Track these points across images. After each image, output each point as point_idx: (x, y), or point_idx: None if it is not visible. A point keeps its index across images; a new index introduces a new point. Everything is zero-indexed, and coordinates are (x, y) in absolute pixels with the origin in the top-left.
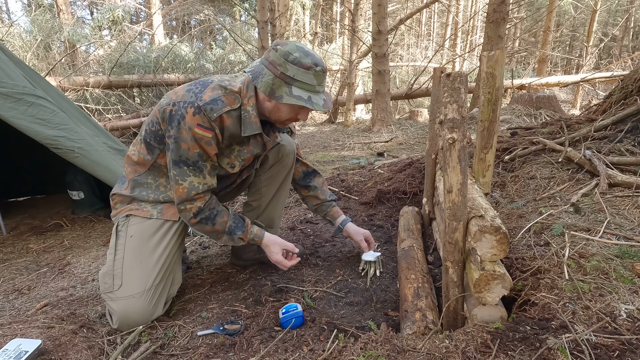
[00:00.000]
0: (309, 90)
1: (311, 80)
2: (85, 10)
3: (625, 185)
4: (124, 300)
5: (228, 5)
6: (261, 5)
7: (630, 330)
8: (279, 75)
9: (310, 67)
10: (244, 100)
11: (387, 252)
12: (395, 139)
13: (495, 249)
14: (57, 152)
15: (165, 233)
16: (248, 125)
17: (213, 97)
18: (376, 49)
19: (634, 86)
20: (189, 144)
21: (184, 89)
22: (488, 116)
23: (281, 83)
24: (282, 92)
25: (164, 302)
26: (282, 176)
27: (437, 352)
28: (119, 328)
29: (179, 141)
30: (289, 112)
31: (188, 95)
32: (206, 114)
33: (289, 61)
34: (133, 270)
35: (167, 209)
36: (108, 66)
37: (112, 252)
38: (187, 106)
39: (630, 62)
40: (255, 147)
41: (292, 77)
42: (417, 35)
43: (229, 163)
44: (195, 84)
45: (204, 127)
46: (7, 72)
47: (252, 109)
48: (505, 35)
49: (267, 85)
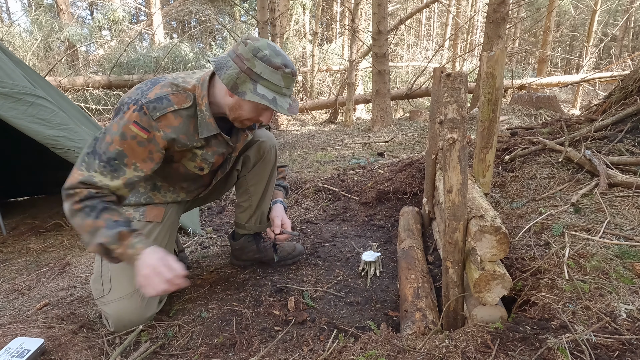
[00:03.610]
0: (275, 91)
1: (279, 82)
2: (85, 10)
3: (625, 185)
4: (115, 303)
5: (228, 5)
6: (261, 5)
7: (630, 330)
8: (244, 70)
9: (279, 67)
10: (198, 99)
11: (387, 252)
12: (395, 139)
13: (495, 249)
14: (57, 152)
15: (149, 234)
16: (204, 126)
17: (159, 95)
18: (376, 49)
19: (634, 86)
20: (113, 138)
21: (135, 87)
22: (488, 116)
23: (246, 79)
24: (246, 88)
25: (158, 301)
26: (267, 172)
27: (437, 352)
28: (116, 330)
29: (107, 133)
30: (250, 110)
31: (136, 92)
32: (147, 113)
33: (257, 57)
34: (120, 273)
35: (149, 211)
36: (108, 66)
37: (97, 258)
38: (130, 102)
39: (630, 62)
40: (219, 146)
41: (258, 74)
42: (417, 35)
43: (196, 166)
44: (147, 82)
45: (140, 126)
46: (7, 72)
47: (206, 108)
48: (505, 35)
49: (231, 78)
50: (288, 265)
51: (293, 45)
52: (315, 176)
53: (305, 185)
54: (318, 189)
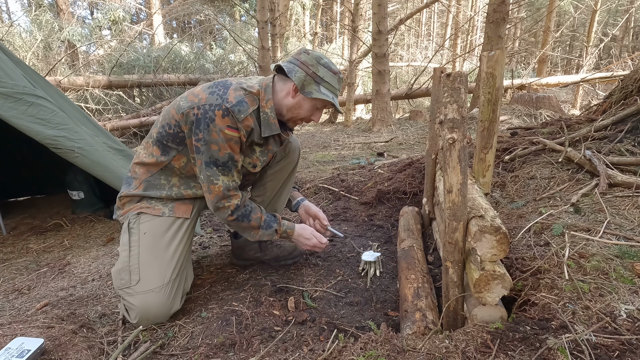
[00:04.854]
0: (332, 91)
1: (336, 84)
2: (85, 10)
3: (625, 185)
4: (143, 295)
5: (228, 5)
6: (261, 5)
7: (630, 330)
8: (310, 74)
9: (336, 72)
10: (262, 102)
11: (387, 252)
12: (395, 139)
13: (495, 249)
14: (57, 152)
15: (177, 230)
16: (267, 126)
17: (238, 99)
18: (376, 49)
19: (634, 86)
20: (219, 145)
21: (205, 92)
22: (488, 116)
23: (311, 81)
24: (312, 88)
25: (180, 297)
26: (287, 172)
27: (437, 352)
28: (139, 323)
29: (209, 143)
30: (308, 110)
31: (212, 97)
32: (234, 115)
33: (320, 64)
34: (150, 266)
35: (178, 207)
36: (108, 66)
37: (125, 249)
38: (215, 108)
39: (630, 62)
40: (274, 146)
41: (322, 77)
42: (417, 35)
43: (250, 163)
44: (216, 86)
45: (232, 127)
46: (7, 72)
47: (271, 111)
48: (505, 35)
49: (300, 80)
50: (288, 265)
51: (293, 45)
52: (315, 176)
53: (305, 185)
54: (318, 189)
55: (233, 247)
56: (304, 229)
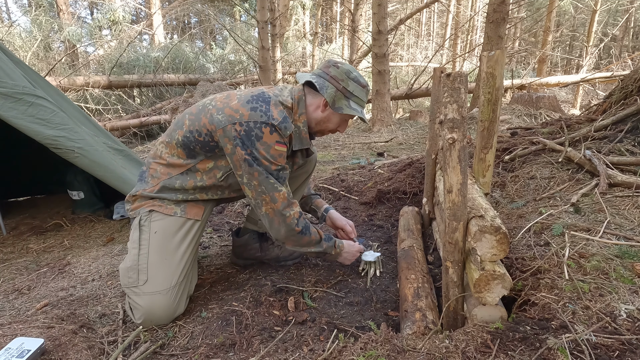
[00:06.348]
0: (360, 105)
1: (364, 97)
2: (85, 10)
3: (625, 185)
4: (149, 296)
5: (228, 5)
6: (261, 5)
7: (630, 330)
8: (340, 89)
9: (365, 85)
10: (295, 116)
11: (387, 252)
12: (395, 139)
13: (495, 249)
14: (57, 152)
15: (187, 231)
16: (298, 140)
17: (282, 115)
18: (376, 49)
19: (634, 86)
20: (270, 161)
21: (245, 108)
22: (488, 116)
23: (341, 96)
24: (342, 104)
25: (185, 300)
26: (300, 180)
27: (437, 352)
28: (142, 323)
29: (260, 159)
30: (336, 123)
31: (256, 114)
32: (281, 132)
33: (350, 78)
34: (158, 267)
35: (190, 208)
36: (108, 66)
37: (135, 247)
38: (262, 126)
39: (630, 62)
40: (301, 158)
41: (351, 92)
42: (417, 35)
43: None
44: (256, 100)
45: (281, 142)
46: (7, 72)
47: (303, 125)
48: (505, 35)
49: (331, 96)
50: (288, 266)
51: (293, 45)
52: (315, 176)
53: None
54: (318, 189)
55: (234, 245)
56: (352, 245)
